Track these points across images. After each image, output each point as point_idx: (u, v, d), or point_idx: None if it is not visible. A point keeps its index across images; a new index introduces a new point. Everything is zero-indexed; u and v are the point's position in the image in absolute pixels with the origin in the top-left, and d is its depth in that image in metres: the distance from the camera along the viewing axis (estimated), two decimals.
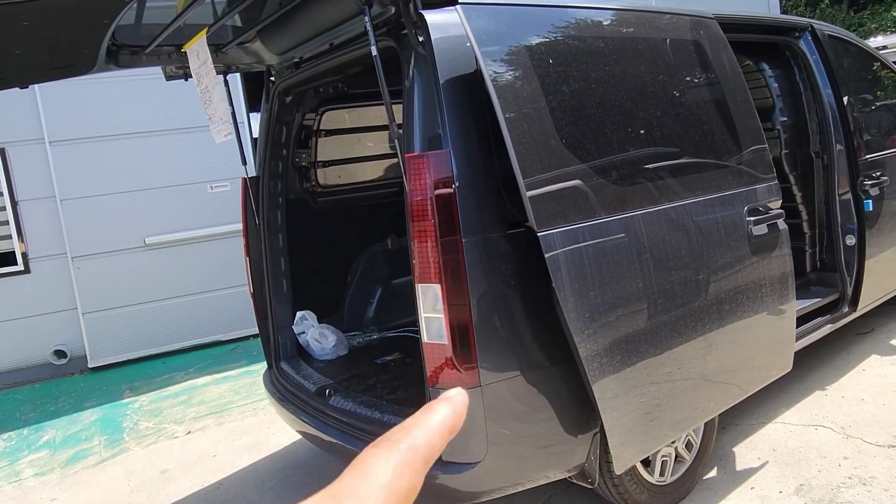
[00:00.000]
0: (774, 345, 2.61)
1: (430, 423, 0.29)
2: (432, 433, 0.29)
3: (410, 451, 0.27)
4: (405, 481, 0.26)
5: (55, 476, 3.51)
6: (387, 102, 1.94)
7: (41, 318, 5.34)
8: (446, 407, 0.30)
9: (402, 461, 0.27)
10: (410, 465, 0.27)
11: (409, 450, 0.27)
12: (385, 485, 0.26)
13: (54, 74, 2.57)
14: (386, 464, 0.26)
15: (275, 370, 3.05)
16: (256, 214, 3.04)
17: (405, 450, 0.27)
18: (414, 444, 0.28)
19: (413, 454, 0.27)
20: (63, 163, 5.25)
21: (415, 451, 0.27)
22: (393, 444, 0.28)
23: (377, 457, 0.27)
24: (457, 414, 0.30)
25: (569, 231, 1.87)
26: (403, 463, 0.27)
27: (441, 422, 0.29)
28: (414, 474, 0.27)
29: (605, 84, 2.15)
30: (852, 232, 3.34)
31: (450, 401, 0.30)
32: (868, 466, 2.58)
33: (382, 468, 0.26)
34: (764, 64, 3.50)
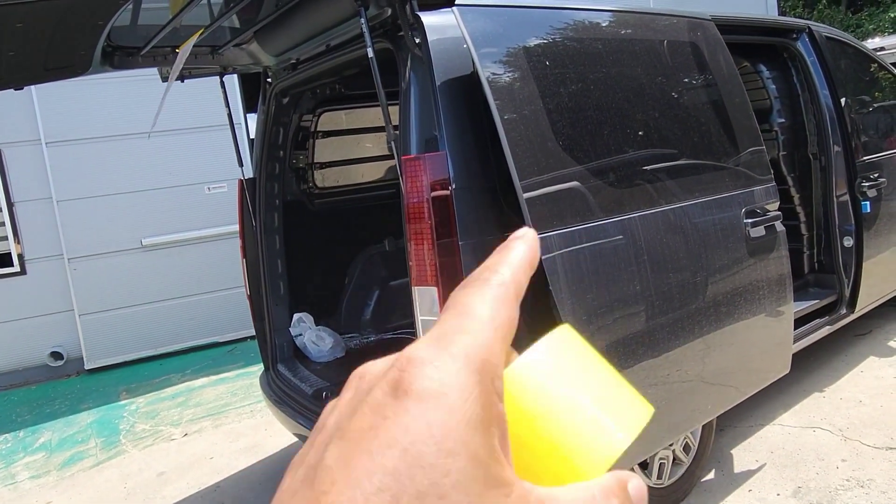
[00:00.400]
0: (772, 347, 2.61)
1: (512, 260, 0.29)
2: (516, 268, 0.29)
3: (502, 286, 0.27)
4: (505, 314, 0.26)
5: (51, 478, 3.50)
6: (383, 104, 1.94)
7: (37, 320, 5.32)
8: (521, 244, 0.30)
9: (497, 296, 0.27)
10: (506, 299, 0.27)
11: (500, 285, 0.27)
12: (489, 319, 0.26)
13: (50, 76, 2.55)
14: (483, 300, 0.26)
15: (272, 372, 3.04)
16: (253, 216, 3.03)
17: (497, 285, 0.27)
18: (503, 279, 0.28)
19: (505, 289, 0.27)
20: (59, 164, 5.24)
21: (506, 286, 0.27)
22: (483, 281, 0.28)
23: (472, 295, 0.27)
24: (534, 250, 0.30)
25: (566, 233, 1.86)
26: (499, 297, 0.27)
27: (522, 257, 0.29)
28: (511, 308, 0.27)
29: (602, 86, 2.15)
30: (850, 233, 3.34)
31: (524, 239, 0.30)
32: (866, 469, 2.57)
33: (481, 304, 0.26)
34: (761, 65, 3.50)
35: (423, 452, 0.22)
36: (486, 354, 0.25)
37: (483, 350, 0.25)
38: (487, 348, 0.25)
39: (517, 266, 0.29)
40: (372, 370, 0.27)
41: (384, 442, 0.22)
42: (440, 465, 0.22)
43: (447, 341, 0.25)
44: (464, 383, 0.23)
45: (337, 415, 0.25)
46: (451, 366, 0.24)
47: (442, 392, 0.23)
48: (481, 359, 0.25)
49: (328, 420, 0.26)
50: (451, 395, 0.23)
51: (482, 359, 0.25)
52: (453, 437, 0.22)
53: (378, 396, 0.24)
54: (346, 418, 0.24)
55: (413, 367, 0.24)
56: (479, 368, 0.24)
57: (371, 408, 0.23)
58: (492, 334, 0.25)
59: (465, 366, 0.24)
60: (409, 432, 0.22)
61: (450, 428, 0.22)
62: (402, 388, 0.23)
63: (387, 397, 0.23)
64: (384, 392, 0.24)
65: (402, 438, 0.22)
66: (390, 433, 0.22)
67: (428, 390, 0.23)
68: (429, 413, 0.23)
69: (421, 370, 0.24)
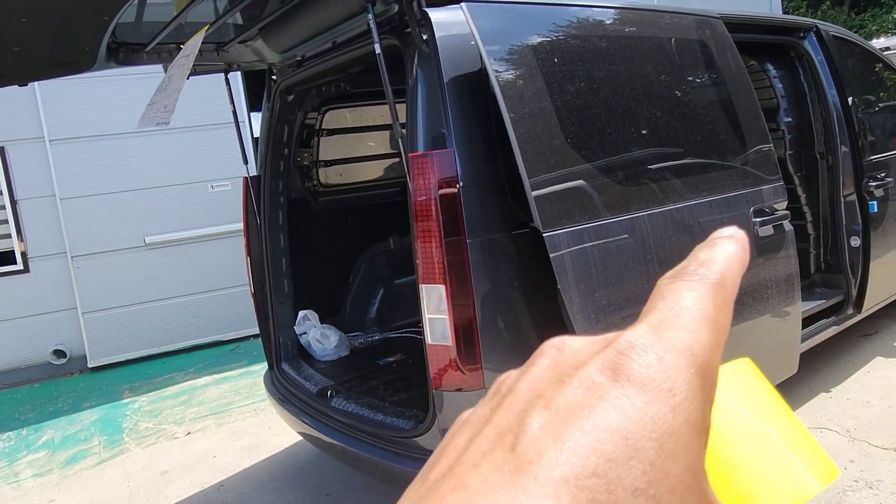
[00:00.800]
0: (780, 347, 2.59)
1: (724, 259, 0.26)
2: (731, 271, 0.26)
3: (719, 287, 0.25)
4: (724, 319, 0.24)
5: (54, 477, 3.49)
6: (390, 101, 1.92)
7: (40, 318, 5.32)
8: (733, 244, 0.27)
9: (718, 296, 0.24)
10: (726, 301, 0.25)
11: (717, 286, 0.25)
12: (711, 320, 0.24)
13: (54, 72, 2.54)
14: (704, 298, 0.24)
15: (276, 371, 3.03)
16: (258, 214, 3.02)
17: (714, 285, 0.25)
18: (721, 280, 0.25)
19: (723, 291, 0.25)
20: (63, 161, 5.23)
21: (724, 289, 0.25)
22: (700, 277, 0.25)
23: (691, 289, 0.24)
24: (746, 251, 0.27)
25: (574, 231, 1.85)
26: (720, 298, 0.25)
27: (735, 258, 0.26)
28: (728, 312, 0.25)
29: (610, 83, 2.13)
30: (857, 233, 3.32)
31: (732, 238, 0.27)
32: (874, 470, 2.55)
33: (702, 302, 0.24)
34: (768, 64, 3.48)
35: (645, 447, 0.20)
36: (709, 358, 0.23)
37: (707, 352, 0.23)
38: (711, 351, 0.23)
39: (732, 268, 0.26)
40: (573, 344, 0.25)
41: (601, 424, 0.20)
42: (661, 465, 0.20)
43: (669, 333, 0.23)
44: (690, 384, 0.22)
45: (533, 381, 0.23)
46: (677, 360, 0.22)
47: (668, 388, 0.21)
48: (705, 361, 0.23)
49: (518, 385, 0.24)
50: (678, 394, 0.21)
51: (706, 362, 0.23)
52: (675, 440, 0.21)
53: (592, 374, 0.22)
54: (550, 388, 0.22)
55: (635, 353, 0.22)
56: (703, 372, 0.22)
57: (584, 384, 0.22)
58: (714, 338, 0.23)
59: (691, 365, 0.22)
60: (629, 421, 0.20)
61: (673, 428, 0.21)
62: (623, 372, 0.22)
63: (603, 377, 0.22)
64: (599, 370, 0.22)
65: (621, 425, 0.20)
66: (609, 416, 0.21)
67: (653, 381, 0.21)
68: (653, 407, 0.21)
69: (644, 357, 0.22)
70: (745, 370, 0.29)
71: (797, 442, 0.27)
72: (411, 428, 2.12)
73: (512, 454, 0.21)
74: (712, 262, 0.26)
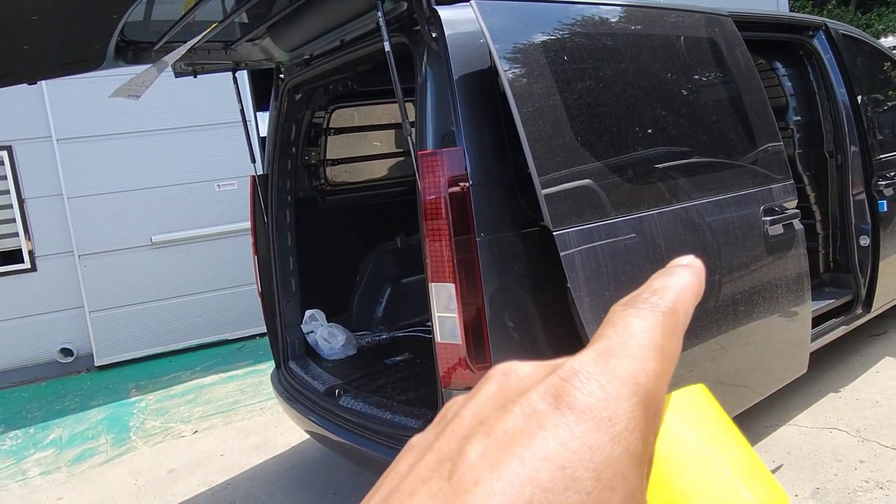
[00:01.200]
0: (789, 347, 2.58)
1: (679, 287, 0.26)
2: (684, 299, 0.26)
3: (670, 315, 0.25)
4: (673, 348, 0.25)
5: (62, 475, 3.50)
6: (399, 99, 1.92)
7: (47, 316, 5.33)
8: (688, 273, 0.27)
9: (667, 325, 0.25)
10: (675, 330, 0.25)
11: (668, 314, 0.25)
12: (657, 347, 0.24)
13: (63, 70, 2.55)
14: (653, 327, 0.24)
15: (283, 369, 3.03)
16: (265, 213, 3.02)
17: (664, 313, 0.25)
18: (672, 308, 0.25)
19: (674, 319, 0.25)
20: (70, 160, 5.25)
21: (675, 317, 0.25)
22: (651, 305, 0.25)
23: (641, 318, 0.25)
24: (701, 281, 0.27)
25: (584, 230, 1.84)
26: (669, 328, 0.25)
27: (688, 287, 0.27)
28: (678, 341, 0.25)
29: (619, 81, 2.12)
30: (866, 233, 3.30)
31: (689, 266, 0.28)
32: (885, 470, 2.54)
33: (651, 330, 0.24)
34: (777, 63, 3.47)
35: (582, 477, 0.20)
36: (654, 387, 0.23)
37: (651, 381, 0.23)
38: (656, 380, 0.23)
39: (685, 296, 0.26)
40: (520, 370, 0.25)
41: (539, 453, 0.20)
42: (597, 495, 0.20)
43: (615, 361, 0.23)
44: (632, 413, 0.22)
45: (477, 407, 0.24)
46: (620, 390, 0.22)
47: (608, 416, 0.21)
48: (649, 390, 0.23)
49: (463, 410, 0.24)
50: (619, 423, 0.21)
51: (650, 391, 0.23)
52: (613, 469, 0.21)
53: (535, 401, 0.22)
54: (493, 415, 0.22)
55: (578, 381, 0.22)
56: (647, 401, 0.23)
57: (525, 412, 0.22)
58: (660, 366, 0.24)
59: (634, 394, 0.22)
60: (567, 450, 0.21)
61: (612, 458, 0.21)
62: (565, 400, 0.22)
63: (545, 405, 0.22)
64: (542, 398, 0.22)
65: (559, 454, 0.20)
66: (547, 445, 0.21)
67: (593, 409, 0.21)
68: (591, 435, 0.21)
69: (586, 385, 0.22)
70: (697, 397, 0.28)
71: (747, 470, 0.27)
72: (420, 427, 2.11)
73: (448, 483, 0.21)
74: (666, 290, 0.26)
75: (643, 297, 0.26)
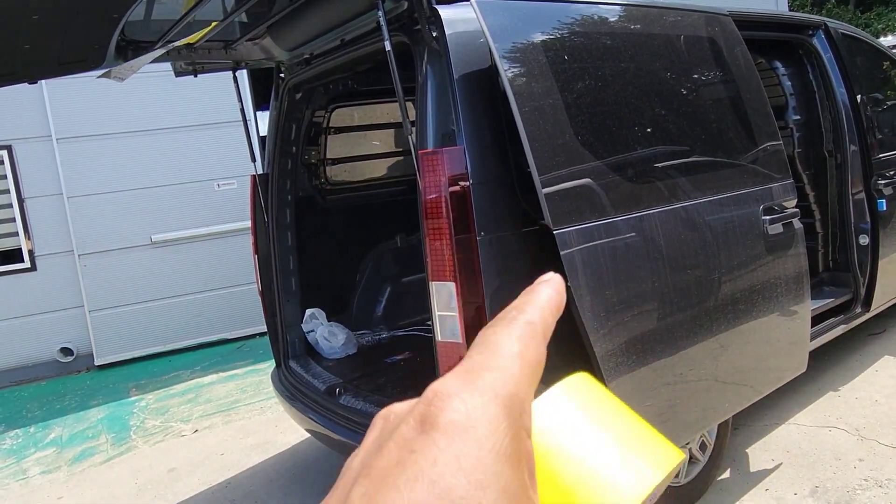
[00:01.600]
0: (789, 345, 2.58)
1: (539, 302, 0.29)
2: (543, 310, 0.29)
3: (529, 325, 0.28)
4: (533, 352, 0.27)
5: (62, 474, 3.50)
6: (400, 98, 1.92)
7: (48, 316, 5.34)
8: (547, 288, 0.30)
9: (524, 334, 0.27)
10: (534, 337, 0.27)
11: (527, 324, 0.28)
12: (517, 355, 0.26)
13: (63, 70, 2.55)
14: (510, 337, 0.27)
15: (283, 368, 3.03)
16: (265, 212, 3.02)
17: (524, 324, 0.28)
18: (530, 319, 0.28)
19: (532, 328, 0.28)
20: (70, 160, 5.25)
21: (533, 326, 0.28)
22: (510, 320, 0.28)
23: (500, 333, 0.27)
24: (560, 294, 0.30)
25: (584, 229, 1.85)
26: (527, 336, 0.27)
27: (548, 300, 0.30)
28: (539, 346, 0.27)
29: (620, 81, 2.13)
30: (865, 232, 3.31)
31: (548, 282, 0.31)
32: (884, 469, 2.54)
33: (509, 342, 0.27)
34: (777, 62, 3.47)
35: (453, 485, 0.22)
36: (514, 389, 0.25)
37: (511, 385, 0.25)
38: (515, 383, 0.25)
39: (544, 307, 0.29)
40: (397, 409, 0.27)
41: (411, 475, 0.22)
42: (471, 497, 0.22)
43: (474, 376, 0.25)
44: (492, 416, 0.23)
45: (363, 454, 0.25)
46: (479, 399, 0.24)
47: (470, 425, 0.23)
48: (509, 393, 0.25)
49: (352, 462, 0.25)
50: (480, 427, 0.23)
51: (510, 393, 0.25)
52: (482, 470, 0.22)
53: (405, 431, 0.23)
54: (372, 456, 0.24)
55: (440, 401, 0.24)
56: (507, 403, 0.24)
57: (397, 443, 0.23)
58: (519, 371, 0.26)
59: (492, 399, 0.24)
60: (437, 464, 0.22)
61: (479, 460, 0.22)
62: (429, 422, 0.23)
63: (413, 432, 0.23)
64: (410, 427, 0.24)
65: (429, 471, 0.22)
66: (418, 466, 0.22)
67: (455, 423, 0.23)
68: (457, 445, 0.22)
69: (448, 403, 0.24)
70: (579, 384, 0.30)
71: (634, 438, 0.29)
72: None
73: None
74: (524, 305, 0.29)
75: (502, 315, 0.29)
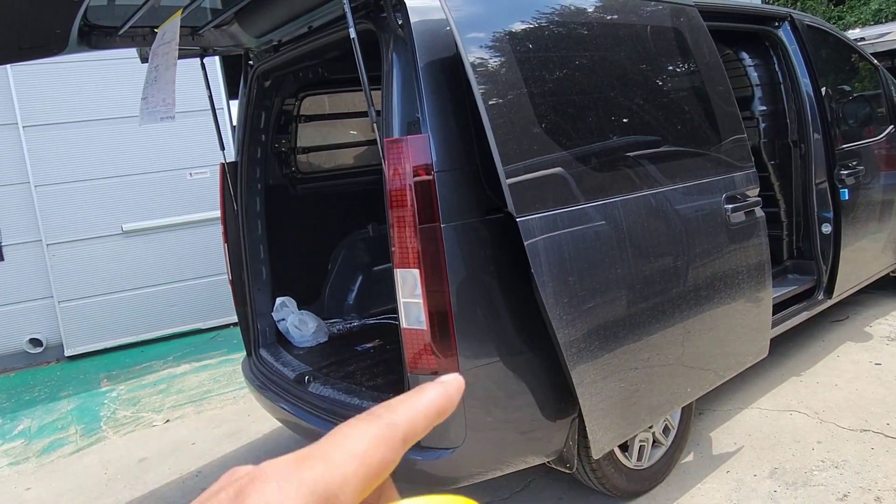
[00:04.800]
0: (751, 331, 2.64)
1: (416, 403, 0.29)
2: (417, 413, 0.29)
3: (390, 426, 0.27)
4: (379, 455, 0.26)
5: (30, 465, 3.46)
6: (365, 86, 1.92)
7: (16, 307, 5.25)
8: (437, 389, 0.30)
9: (379, 435, 0.27)
10: (388, 440, 0.27)
11: (388, 425, 0.27)
12: (357, 454, 0.26)
13: (25, 55, 2.50)
14: (363, 435, 0.27)
15: (254, 357, 3.03)
16: (235, 200, 3.00)
17: (384, 425, 0.27)
18: (395, 420, 0.28)
19: (392, 430, 0.27)
20: (37, 147, 5.15)
21: (394, 428, 0.27)
22: (374, 417, 0.28)
23: (355, 427, 0.27)
24: (448, 398, 0.30)
25: (548, 217, 1.87)
26: (380, 437, 0.27)
27: (428, 404, 0.29)
28: (389, 450, 0.27)
29: (586, 71, 2.15)
30: (828, 220, 3.38)
31: (443, 384, 0.30)
32: (841, 450, 2.62)
33: (358, 439, 0.26)
34: (743, 53, 3.52)
35: None
36: (337, 489, 0.25)
37: (335, 483, 0.25)
38: (341, 482, 0.25)
39: (420, 411, 0.29)
40: (240, 471, 0.27)
41: None
42: None
43: (305, 465, 0.25)
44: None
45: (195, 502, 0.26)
46: (294, 491, 0.24)
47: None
48: (328, 492, 0.25)
49: None
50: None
51: (329, 492, 0.25)
52: None
53: (222, 498, 0.24)
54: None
55: (259, 482, 0.25)
56: (321, 501, 0.24)
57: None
58: (353, 471, 0.26)
59: (307, 493, 0.24)
60: None
61: None
62: (240, 499, 0.24)
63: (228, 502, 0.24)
64: (227, 496, 0.24)
65: None
66: None
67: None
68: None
69: (263, 486, 0.24)
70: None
71: None
72: None
73: None
74: (397, 405, 0.29)
75: (372, 411, 0.29)
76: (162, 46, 2.28)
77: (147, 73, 2.40)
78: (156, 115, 2.28)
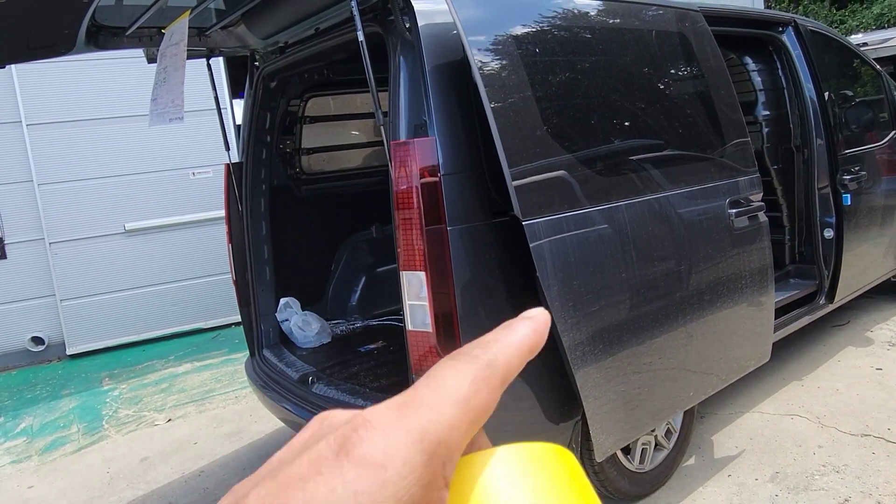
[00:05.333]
0: (753, 336, 2.65)
1: (510, 341, 0.27)
2: (512, 351, 0.27)
3: (489, 367, 0.26)
4: (482, 398, 0.25)
5: (32, 463, 3.47)
6: (372, 88, 1.93)
7: (18, 305, 5.26)
8: (528, 325, 0.28)
9: (480, 377, 0.25)
10: (488, 381, 0.25)
11: (488, 366, 0.26)
12: (461, 399, 0.24)
13: (33, 55, 2.51)
14: (463, 377, 0.25)
15: (257, 357, 3.04)
16: (239, 201, 3.01)
17: (484, 365, 0.26)
18: (493, 360, 0.26)
19: (492, 370, 0.26)
20: (41, 146, 5.16)
21: (493, 368, 0.26)
22: (472, 357, 0.26)
23: (454, 369, 0.26)
24: (539, 334, 0.28)
25: (553, 220, 1.88)
26: (482, 378, 0.25)
27: (522, 339, 0.28)
28: (491, 392, 0.26)
29: (591, 75, 2.16)
30: (831, 225, 3.39)
31: (532, 319, 0.29)
32: (842, 455, 2.63)
33: (459, 381, 0.25)
34: (747, 58, 3.53)
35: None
36: (446, 435, 0.24)
37: (443, 430, 0.23)
38: (449, 429, 0.24)
39: (514, 349, 0.27)
40: (335, 417, 0.26)
41: (307, 497, 0.21)
42: None
43: (409, 411, 0.24)
44: (408, 460, 0.22)
45: (284, 451, 0.25)
46: (402, 438, 0.23)
47: (381, 464, 0.22)
48: (438, 438, 0.23)
49: (276, 454, 0.25)
50: (391, 469, 0.22)
51: (439, 439, 0.23)
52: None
53: (321, 448, 0.23)
54: (287, 460, 0.23)
55: (364, 430, 0.23)
56: (432, 448, 0.23)
57: (310, 458, 0.23)
58: (459, 416, 0.24)
59: (416, 441, 0.23)
60: (334, 494, 0.21)
61: (377, 502, 0.21)
62: (346, 449, 0.22)
63: (329, 452, 0.22)
64: (329, 446, 0.23)
65: (324, 498, 0.21)
66: (317, 490, 0.21)
67: (368, 458, 0.22)
68: (361, 481, 0.21)
69: (370, 434, 0.23)
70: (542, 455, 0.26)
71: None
72: None
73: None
74: (492, 343, 0.27)
75: (466, 350, 0.27)
76: (170, 48, 2.29)
77: (156, 75, 2.41)
78: (165, 116, 2.28)
